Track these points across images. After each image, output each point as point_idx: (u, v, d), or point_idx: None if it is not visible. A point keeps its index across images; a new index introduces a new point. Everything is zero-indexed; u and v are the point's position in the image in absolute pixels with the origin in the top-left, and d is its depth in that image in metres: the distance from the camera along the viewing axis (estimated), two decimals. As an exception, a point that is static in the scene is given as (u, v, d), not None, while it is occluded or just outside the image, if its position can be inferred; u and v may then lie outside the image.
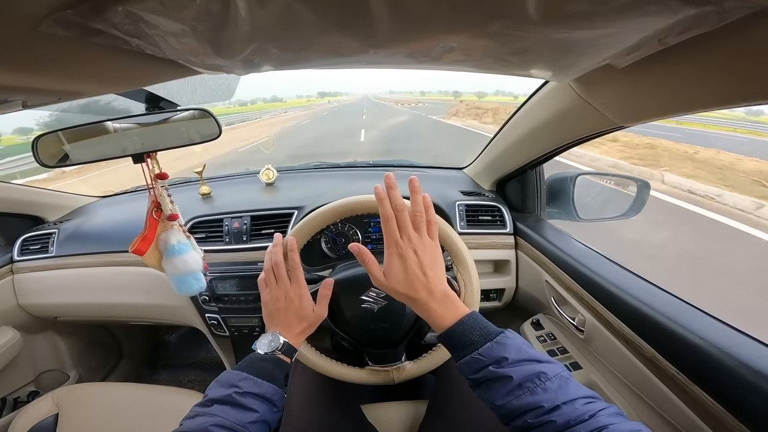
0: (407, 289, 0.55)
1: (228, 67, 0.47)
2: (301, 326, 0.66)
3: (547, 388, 0.44)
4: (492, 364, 0.47)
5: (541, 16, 0.30)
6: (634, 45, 0.38)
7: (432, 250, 0.57)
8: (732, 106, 0.44)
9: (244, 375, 0.54)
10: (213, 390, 0.53)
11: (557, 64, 0.44)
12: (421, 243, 0.56)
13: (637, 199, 1.09)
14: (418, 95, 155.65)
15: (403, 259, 0.55)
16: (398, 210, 0.57)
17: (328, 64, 0.46)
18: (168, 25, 0.33)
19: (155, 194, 0.72)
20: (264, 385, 0.54)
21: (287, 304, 0.65)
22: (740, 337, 0.56)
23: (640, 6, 0.29)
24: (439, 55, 0.41)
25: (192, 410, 0.51)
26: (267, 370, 0.57)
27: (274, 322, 0.66)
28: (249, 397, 0.52)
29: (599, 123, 0.68)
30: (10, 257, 1.28)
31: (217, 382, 0.55)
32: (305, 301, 0.67)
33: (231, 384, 0.53)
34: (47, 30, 0.31)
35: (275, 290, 0.66)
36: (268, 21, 0.33)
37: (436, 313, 0.54)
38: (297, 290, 0.66)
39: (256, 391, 0.53)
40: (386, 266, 0.57)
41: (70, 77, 0.45)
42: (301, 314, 0.66)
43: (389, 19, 0.32)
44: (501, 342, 0.48)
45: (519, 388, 0.45)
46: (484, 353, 0.48)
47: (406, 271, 0.55)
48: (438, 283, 0.56)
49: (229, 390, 0.52)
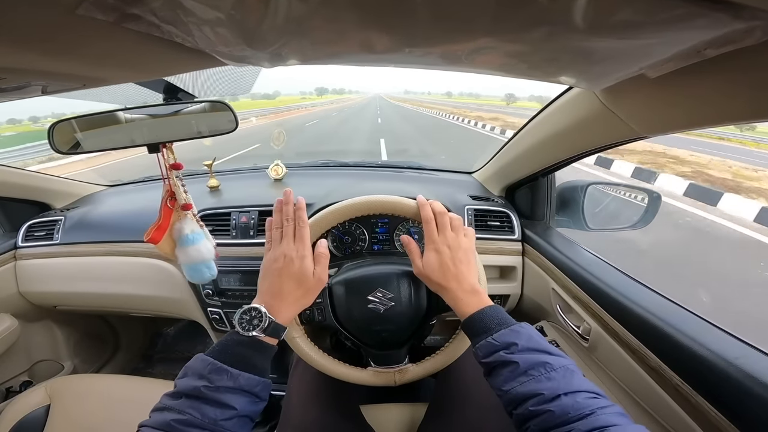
0: (439, 278, 0.62)
1: (255, 59, 0.46)
2: (296, 292, 0.59)
3: (551, 378, 0.46)
4: (503, 349, 0.51)
5: (588, 24, 0.30)
6: (672, 56, 0.37)
7: (465, 249, 0.65)
8: (762, 120, 0.44)
9: (218, 365, 0.48)
10: (182, 380, 0.48)
11: (590, 72, 0.44)
12: (456, 241, 0.64)
13: (647, 210, 1.09)
14: (440, 97, 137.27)
15: (439, 253, 0.63)
16: (439, 214, 0.66)
17: (357, 61, 0.46)
18: (205, 12, 0.32)
19: (170, 184, 0.72)
20: (242, 378, 0.48)
21: (285, 264, 0.58)
22: (747, 348, 0.56)
23: (690, 19, 0.29)
24: (472, 57, 0.41)
25: (161, 400, 0.47)
26: (245, 357, 0.51)
27: (265, 287, 0.58)
28: (223, 392, 0.46)
29: (621, 132, 0.67)
30: (13, 243, 1.28)
31: (187, 370, 0.49)
32: (306, 263, 0.60)
33: (201, 375, 0.47)
34: (84, 13, 0.30)
35: (275, 249, 0.60)
36: (305, 13, 0.33)
37: (462, 302, 0.60)
38: (300, 249, 0.60)
39: (231, 384, 0.47)
40: (425, 259, 0.65)
41: (97, 63, 0.44)
42: (298, 277, 0.59)
43: (431, 17, 0.31)
44: (514, 330, 0.53)
45: (524, 374, 0.47)
46: (497, 338, 0.52)
47: (440, 262, 0.62)
48: (468, 276, 0.62)
49: (198, 382, 0.46)
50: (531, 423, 0.45)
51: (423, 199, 0.69)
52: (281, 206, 0.64)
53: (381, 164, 1.64)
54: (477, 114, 21.19)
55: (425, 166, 1.60)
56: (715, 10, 0.27)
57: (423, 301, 0.71)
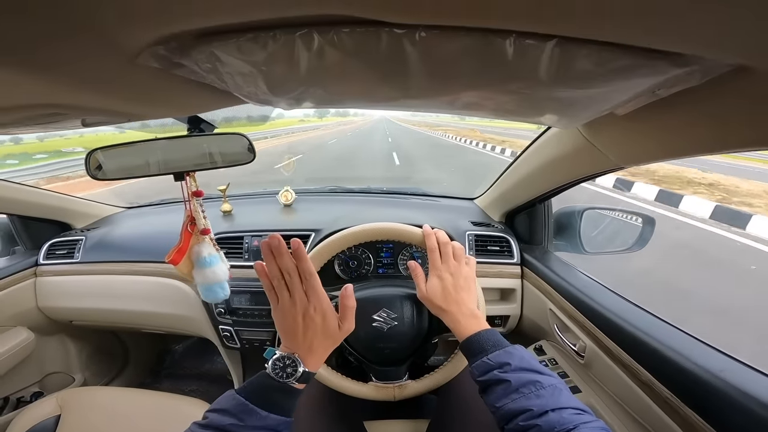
0: (441, 302, 0.67)
1: (275, 102, 0.53)
2: (325, 343, 0.59)
3: (539, 395, 0.50)
4: (497, 369, 0.55)
5: (552, 78, 0.36)
6: (631, 97, 0.43)
7: (466, 276, 0.70)
8: (729, 151, 0.49)
9: (249, 407, 0.49)
10: (214, 415, 0.50)
11: (563, 114, 0.50)
12: (458, 269, 0.70)
13: (641, 234, 1.13)
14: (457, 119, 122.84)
15: (441, 279, 0.69)
16: (443, 244, 0.72)
17: (363, 106, 0.53)
18: (239, 66, 0.39)
19: (191, 209, 0.78)
20: (269, 419, 0.50)
21: (308, 324, 0.56)
22: (730, 362, 0.60)
23: (634, 68, 0.34)
24: (462, 104, 0.48)
25: (190, 427, 0.49)
26: (277, 400, 0.52)
27: (294, 345, 0.57)
28: (250, 430, 0.48)
29: (603, 163, 0.73)
30: (35, 260, 1.34)
31: (220, 406, 0.51)
32: (329, 319, 0.58)
33: (233, 413, 0.49)
34: (142, 62, 0.37)
35: (290, 307, 0.56)
36: (322, 69, 0.39)
37: (461, 324, 0.65)
38: (318, 305, 0.57)
39: (260, 424, 0.49)
40: (428, 284, 0.70)
41: (144, 102, 0.52)
42: (326, 333, 0.58)
43: (423, 75, 0.38)
44: (508, 351, 0.58)
45: (515, 392, 0.51)
46: (492, 358, 0.57)
47: (442, 288, 0.68)
48: (468, 302, 0.68)
49: (227, 419, 0.48)
50: None
51: (429, 229, 0.74)
52: (269, 252, 0.58)
53: (386, 191, 1.70)
54: (502, 139, 18.45)
55: (429, 192, 1.66)
56: (654, 59, 0.32)
57: (424, 323, 0.76)
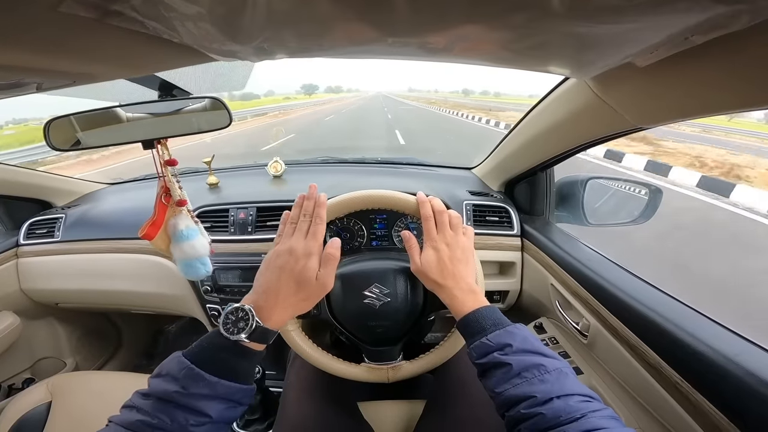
0: (436, 276, 0.61)
1: (242, 54, 0.46)
2: (293, 296, 0.54)
3: (544, 380, 0.45)
4: (497, 350, 0.50)
5: (567, 8, 0.29)
6: (659, 43, 0.37)
7: (464, 247, 0.64)
8: (755, 108, 0.43)
9: (195, 371, 0.44)
10: (155, 381, 0.44)
11: (578, 60, 0.43)
12: (455, 239, 0.64)
13: (648, 205, 1.08)
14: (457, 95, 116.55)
15: (437, 251, 0.63)
16: (439, 212, 0.66)
17: (343, 53, 0.46)
18: (185, 8, 0.32)
19: (165, 180, 0.72)
20: (219, 386, 0.44)
21: (287, 261, 0.54)
22: (747, 345, 0.56)
23: (670, 2, 0.28)
24: (456, 47, 0.41)
25: (132, 397, 0.44)
26: (227, 363, 0.46)
27: (260, 284, 0.54)
28: (198, 399, 0.43)
29: (616, 124, 0.67)
30: (15, 241, 1.29)
31: (161, 370, 0.45)
32: (311, 262, 0.55)
33: (175, 378, 0.43)
34: (67, 10, 0.31)
35: (283, 243, 0.56)
36: (285, 7, 0.33)
37: (458, 300, 0.59)
38: (309, 246, 0.55)
39: (207, 392, 0.43)
40: (423, 256, 0.64)
41: (86, 60, 0.45)
42: (299, 278, 0.54)
43: (408, 6, 0.31)
44: (509, 331, 0.52)
45: (517, 377, 0.47)
46: (492, 339, 0.51)
47: (438, 260, 0.62)
48: (465, 276, 0.62)
49: (171, 386, 0.43)
50: (522, 425, 0.44)
51: (423, 196, 0.68)
52: (302, 201, 0.61)
53: (381, 160, 1.63)
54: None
55: (425, 162, 1.60)
56: None
57: (419, 298, 0.71)
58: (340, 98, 73.79)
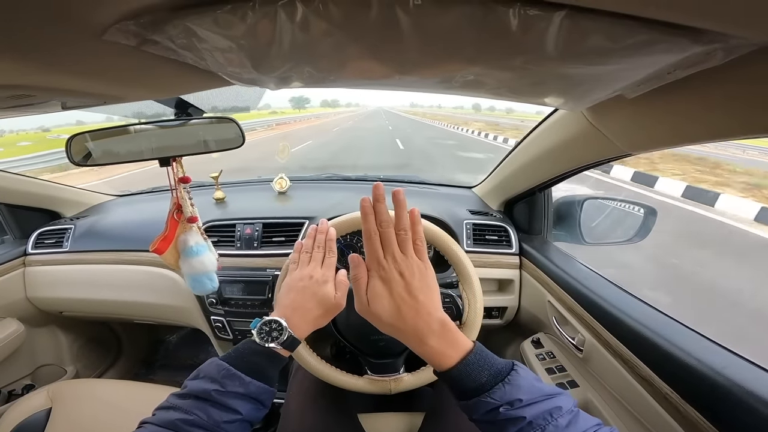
0: (394, 318, 0.49)
1: (262, 82, 0.50)
2: (316, 311, 0.58)
3: (558, 425, 0.41)
4: (503, 406, 0.43)
5: (560, 53, 0.33)
6: (645, 78, 0.40)
7: (422, 273, 0.50)
8: (746, 137, 0.46)
9: (232, 371, 0.48)
10: (193, 382, 0.48)
11: (570, 94, 0.47)
12: (408, 264, 0.50)
13: (642, 225, 1.11)
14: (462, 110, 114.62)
15: (387, 282, 0.49)
16: (382, 226, 0.51)
17: (355, 85, 0.49)
18: (217, 41, 0.36)
19: (177, 197, 0.75)
20: (252, 385, 0.48)
21: (309, 284, 0.59)
22: (734, 358, 0.58)
23: (651, 44, 0.31)
24: (460, 83, 0.44)
25: (167, 399, 0.47)
26: (260, 366, 0.51)
27: (287, 302, 0.58)
28: (232, 397, 0.46)
29: (608, 150, 0.70)
30: (23, 250, 1.31)
31: (200, 372, 0.49)
32: (328, 287, 0.59)
33: (214, 379, 0.47)
34: (110, 39, 0.34)
35: (302, 270, 0.61)
36: (307, 43, 0.36)
37: (434, 350, 0.48)
38: (324, 275, 0.60)
39: (242, 390, 0.47)
40: (369, 290, 0.50)
41: (118, 83, 0.48)
42: (321, 297, 0.58)
43: (418, 48, 0.35)
44: (514, 383, 0.44)
45: (529, 425, 0.42)
46: (495, 396, 0.43)
47: (391, 295, 0.49)
48: (432, 309, 0.49)
49: (210, 385, 0.46)
50: None
51: (367, 206, 0.51)
52: (314, 233, 0.64)
53: (383, 178, 1.67)
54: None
55: (426, 180, 1.63)
56: (675, 35, 0.30)
57: None
58: (336, 113, 67.72)
